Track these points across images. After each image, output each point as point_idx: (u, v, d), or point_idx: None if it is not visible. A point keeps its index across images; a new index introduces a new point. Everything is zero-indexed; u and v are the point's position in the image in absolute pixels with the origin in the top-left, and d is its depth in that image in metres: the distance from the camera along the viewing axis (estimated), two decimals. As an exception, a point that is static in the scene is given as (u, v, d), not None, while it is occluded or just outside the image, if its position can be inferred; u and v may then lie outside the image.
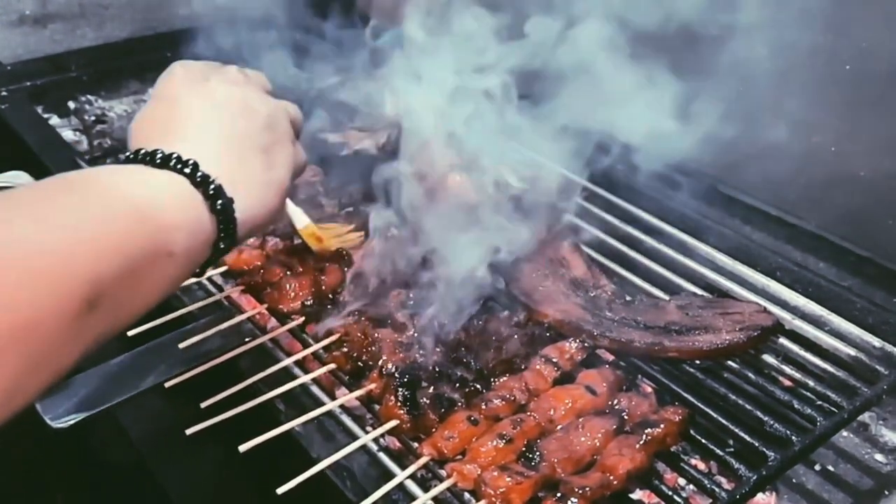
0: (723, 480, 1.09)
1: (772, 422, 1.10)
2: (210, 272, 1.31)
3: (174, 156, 0.83)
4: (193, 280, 1.29)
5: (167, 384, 1.10)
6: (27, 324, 0.63)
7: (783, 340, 1.26)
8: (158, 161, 0.83)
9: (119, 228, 0.74)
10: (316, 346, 1.19)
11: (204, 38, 1.63)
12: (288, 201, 1.30)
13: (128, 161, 0.84)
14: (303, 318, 1.25)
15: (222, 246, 0.88)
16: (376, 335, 1.17)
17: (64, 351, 0.68)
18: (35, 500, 1.37)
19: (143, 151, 0.84)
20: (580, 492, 0.96)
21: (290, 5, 1.74)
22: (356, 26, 2.04)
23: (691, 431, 1.09)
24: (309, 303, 1.25)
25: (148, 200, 0.78)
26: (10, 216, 0.68)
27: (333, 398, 1.12)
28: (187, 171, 0.83)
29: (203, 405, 1.05)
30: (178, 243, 0.80)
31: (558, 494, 0.97)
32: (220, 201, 0.85)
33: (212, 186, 0.84)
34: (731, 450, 1.09)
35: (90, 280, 0.68)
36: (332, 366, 1.16)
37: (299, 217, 1.34)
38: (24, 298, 0.63)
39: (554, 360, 1.17)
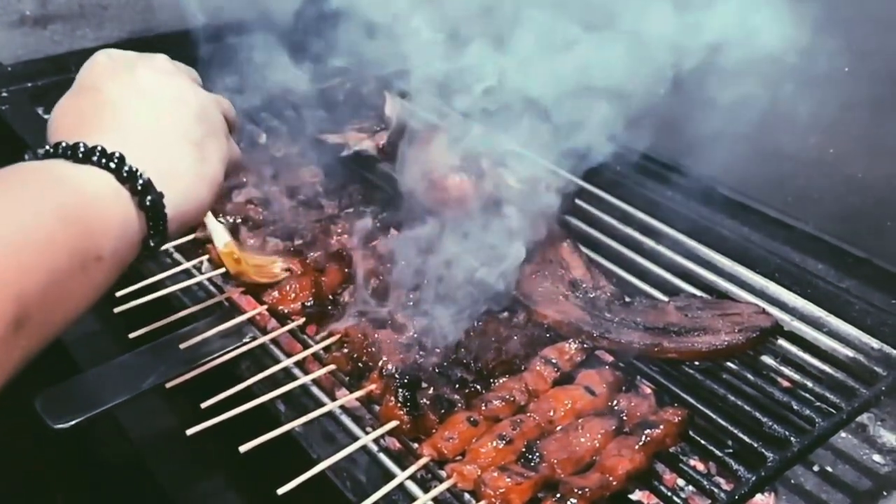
0: (722, 481, 1.08)
1: (770, 423, 1.11)
2: (210, 273, 1.32)
3: (97, 149, 0.77)
4: (194, 281, 1.29)
5: (168, 385, 1.10)
6: None
7: (782, 341, 1.26)
8: (81, 155, 0.76)
9: (43, 237, 0.68)
10: (316, 347, 1.19)
11: (203, 39, 1.63)
12: (210, 218, 1.30)
13: (47, 156, 0.78)
14: (303, 319, 1.25)
15: (152, 244, 0.82)
16: (376, 336, 1.17)
17: None
18: (36, 501, 1.37)
19: (63, 145, 0.77)
20: (579, 492, 0.97)
21: (290, 6, 1.74)
22: (356, 26, 2.04)
23: (690, 432, 1.10)
24: (309, 304, 1.25)
25: (72, 201, 0.73)
26: None
27: (333, 399, 1.12)
28: (112, 165, 0.77)
29: (203, 406, 1.06)
30: (106, 246, 0.74)
31: (558, 495, 0.97)
32: (149, 197, 0.79)
33: (140, 181, 0.78)
34: (730, 450, 1.09)
35: (15, 298, 0.63)
36: (333, 366, 1.16)
37: (220, 235, 1.31)
38: None
39: (553, 360, 1.17)
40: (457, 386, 1.12)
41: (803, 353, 1.24)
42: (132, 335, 1.16)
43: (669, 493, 1.03)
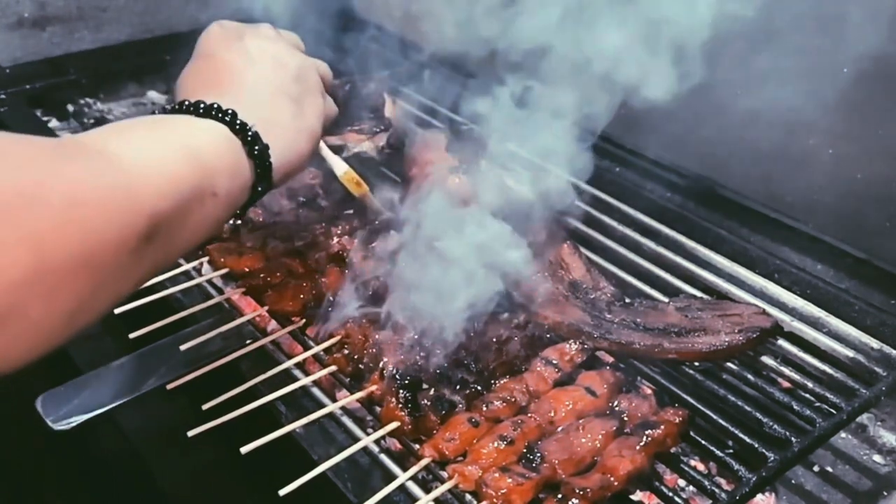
0: (722, 481, 1.09)
1: (771, 423, 1.11)
2: (211, 274, 1.32)
3: (214, 106, 0.90)
4: (194, 282, 1.29)
5: (168, 386, 1.10)
6: (95, 250, 0.68)
7: (782, 342, 1.26)
8: (202, 111, 0.90)
9: (172, 170, 0.80)
10: (317, 349, 1.19)
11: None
12: (327, 150, 1.42)
13: (174, 111, 0.91)
14: (303, 321, 1.25)
15: (259, 189, 0.95)
16: (377, 337, 1.17)
17: (123, 279, 0.74)
18: (36, 502, 1.36)
19: (186, 103, 0.91)
20: (581, 493, 0.97)
21: (290, 7, 1.74)
22: (356, 28, 2.05)
23: (691, 433, 1.10)
24: (310, 305, 1.25)
25: (195, 144, 0.85)
26: (104, 147, 0.75)
27: (334, 400, 1.12)
28: (227, 119, 0.90)
29: (204, 407, 1.06)
30: (221, 185, 0.86)
31: (559, 495, 0.98)
32: (256, 147, 0.92)
33: (249, 133, 0.91)
34: (731, 451, 1.09)
35: (149, 215, 0.74)
36: (333, 368, 1.16)
37: (338, 164, 1.40)
38: (96, 227, 0.69)
39: (554, 361, 1.17)
40: (457, 387, 1.12)
41: (803, 353, 1.24)
42: (132, 335, 1.16)
43: (670, 494, 1.04)
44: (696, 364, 1.21)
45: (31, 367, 0.69)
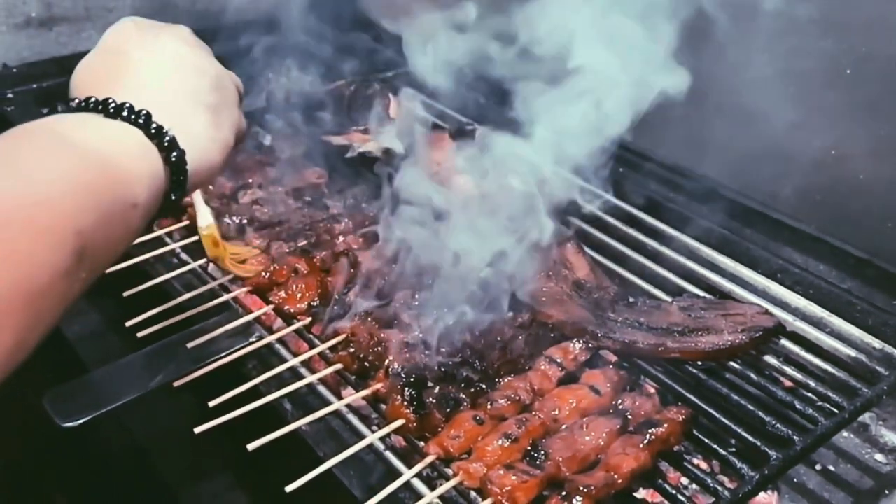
0: (725, 479, 1.09)
1: (773, 422, 1.11)
2: (217, 274, 1.33)
3: (126, 105, 0.82)
4: (206, 288, 1.30)
5: (175, 384, 1.11)
6: (29, 280, 0.64)
7: (784, 342, 1.27)
8: (111, 110, 0.81)
9: (92, 180, 0.74)
10: (322, 347, 1.20)
11: (207, 42, 1.64)
12: (198, 196, 1.32)
13: (78, 109, 0.82)
14: (309, 319, 1.26)
15: (174, 197, 0.87)
16: (382, 335, 1.18)
17: (59, 306, 0.69)
18: (43, 498, 1.37)
19: (93, 99, 0.82)
20: (585, 490, 0.97)
21: (295, 8, 1.74)
22: (360, 29, 2.05)
23: (694, 431, 1.11)
24: (315, 304, 1.26)
25: (109, 151, 0.78)
26: (12, 160, 0.68)
27: (340, 398, 1.13)
28: (140, 122, 0.82)
29: (211, 404, 1.06)
30: (140, 194, 0.79)
31: (563, 493, 0.98)
32: (174, 153, 0.84)
33: (166, 138, 0.83)
34: (734, 449, 1.10)
35: (76, 231, 0.69)
36: (339, 366, 1.17)
37: (204, 215, 1.31)
38: (24, 251, 0.64)
39: (558, 360, 1.18)
40: (462, 385, 1.12)
41: (806, 353, 1.25)
42: (140, 334, 1.16)
43: (673, 492, 1.04)
44: (699, 363, 1.21)
45: (39, 364, 0.69)
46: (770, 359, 1.24)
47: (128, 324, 1.19)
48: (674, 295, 1.36)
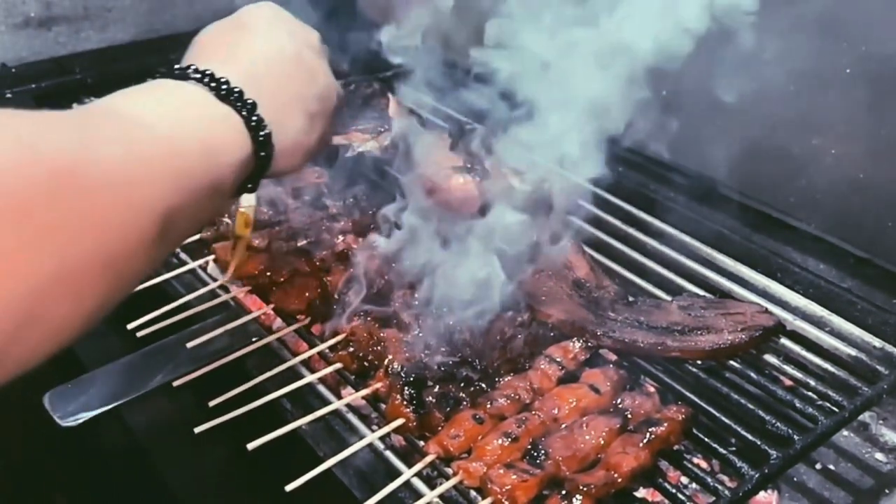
0: (725, 479, 1.09)
1: (773, 421, 1.11)
2: (217, 274, 1.33)
3: (236, 90, 0.84)
4: (207, 289, 1.30)
5: (175, 383, 1.11)
6: (116, 250, 0.66)
7: (784, 341, 1.27)
8: (223, 91, 0.83)
9: (188, 164, 0.76)
10: (322, 346, 1.20)
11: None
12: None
13: (194, 76, 0.84)
14: (308, 319, 1.26)
15: (248, 187, 0.90)
16: (382, 335, 1.18)
17: (137, 276, 0.72)
18: (43, 498, 1.37)
19: (208, 73, 0.84)
20: (585, 489, 0.97)
21: (295, 8, 1.74)
22: (360, 28, 2.05)
23: (694, 430, 1.10)
24: (315, 303, 1.26)
25: (210, 138, 0.80)
26: (95, 144, 0.69)
27: (339, 397, 1.13)
28: (244, 113, 0.84)
29: (211, 404, 1.07)
30: (227, 181, 0.82)
31: (563, 492, 0.98)
32: (263, 151, 0.87)
33: (262, 132, 0.85)
34: (734, 448, 1.10)
35: (164, 212, 0.71)
36: (338, 365, 1.17)
37: (248, 196, 1.26)
38: (114, 225, 0.66)
39: (558, 359, 1.18)
40: (462, 384, 1.12)
41: (806, 352, 1.25)
42: (140, 334, 1.16)
43: (673, 491, 1.04)
44: (700, 362, 1.21)
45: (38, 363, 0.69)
46: (770, 358, 1.24)
47: (129, 326, 1.19)
48: (674, 294, 1.36)
